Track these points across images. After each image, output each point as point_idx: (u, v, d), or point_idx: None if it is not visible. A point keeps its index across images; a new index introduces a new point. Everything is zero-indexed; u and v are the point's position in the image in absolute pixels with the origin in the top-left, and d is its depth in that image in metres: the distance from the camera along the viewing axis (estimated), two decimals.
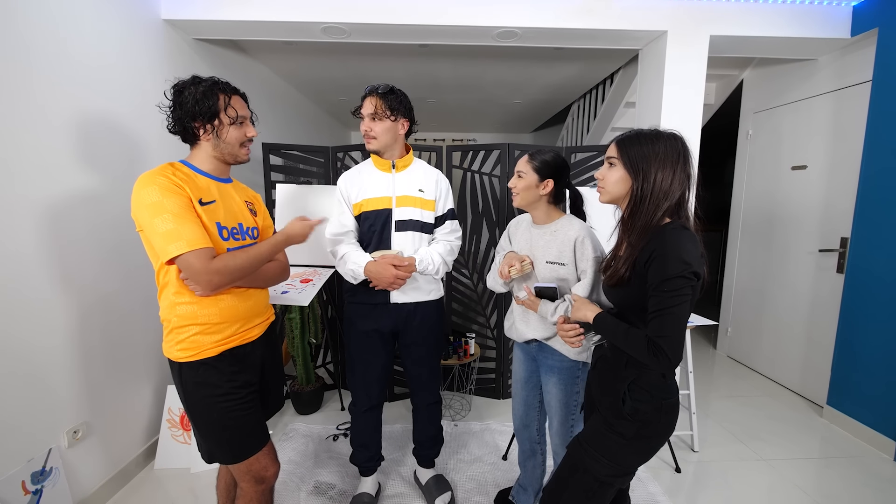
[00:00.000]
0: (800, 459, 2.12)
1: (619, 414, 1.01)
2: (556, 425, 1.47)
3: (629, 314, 1.03)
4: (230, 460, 1.20)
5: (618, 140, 1.04)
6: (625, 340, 0.95)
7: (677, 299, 0.88)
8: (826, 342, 2.57)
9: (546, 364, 1.45)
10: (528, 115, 5.25)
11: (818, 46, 2.47)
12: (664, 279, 0.89)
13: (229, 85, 1.17)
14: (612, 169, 1.04)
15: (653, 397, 1.00)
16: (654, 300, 0.90)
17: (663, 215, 0.98)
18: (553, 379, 1.44)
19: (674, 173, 0.97)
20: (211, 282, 1.05)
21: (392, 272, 1.49)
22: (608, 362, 1.09)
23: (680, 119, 2.32)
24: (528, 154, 1.42)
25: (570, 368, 1.40)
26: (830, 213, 2.60)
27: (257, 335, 1.25)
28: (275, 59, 3.16)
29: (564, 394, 1.42)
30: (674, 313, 0.88)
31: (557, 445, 1.48)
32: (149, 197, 1.03)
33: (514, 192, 1.42)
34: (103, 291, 1.75)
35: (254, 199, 1.34)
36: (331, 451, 2.14)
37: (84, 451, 1.68)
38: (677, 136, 1.01)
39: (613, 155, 1.04)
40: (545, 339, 1.43)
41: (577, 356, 1.38)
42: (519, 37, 2.34)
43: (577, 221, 1.37)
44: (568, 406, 1.43)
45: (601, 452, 1.03)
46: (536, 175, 1.38)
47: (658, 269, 0.90)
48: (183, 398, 1.16)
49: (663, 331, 0.88)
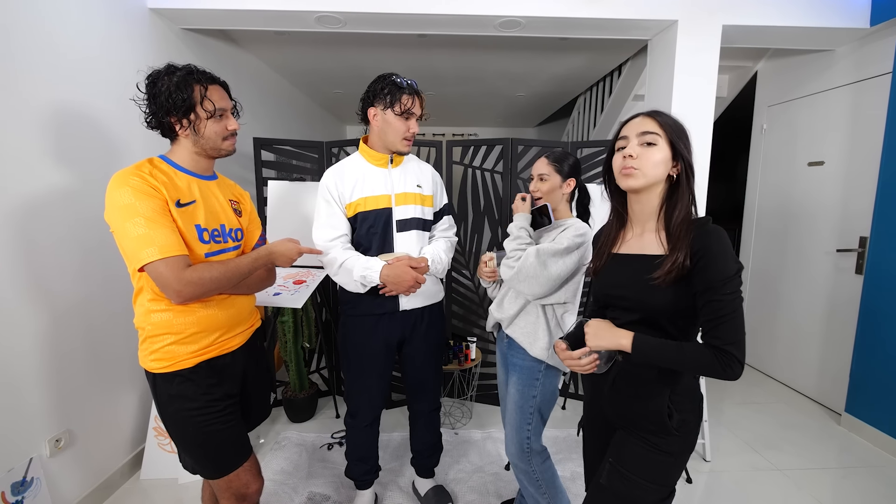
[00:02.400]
0: (816, 469, 2.11)
1: (666, 430, 0.94)
2: (510, 432, 1.42)
3: (661, 319, 0.95)
4: (210, 475, 1.19)
5: (652, 114, 0.95)
6: (681, 359, 0.87)
7: (738, 301, 0.85)
8: (844, 346, 2.56)
9: (510, 361, 1.44)
10: (532, 109, 5.25)
11: (836, 36, 2.47)
12: (723, 282, 0.84)
13: (206, 73, 1.12)
14: (651, 148, 0.93)
15: (693, 402, 0.97)
16: (714, 305, 0.85)
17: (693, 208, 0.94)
18: (513, 378, 1.41)
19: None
20: (181, 293, 1.03)
21: (412, 275, 1.44)
22: (633, 376, 1.00)
23: (691, 112, 2.31)
24: (545, 156, 1.44)
25: (530, 368, 1.38)
26: (849, 212, 2.59)
27: (238, 344, 1.23)
28: (266, 50, 3.15)
29: (521, 396, 1.39)
30: (737, 316, 0.85)
31: (514, 455, 1.43)
32: (121, 199, 1.01)
33: (537, 196, 1.44)
34: (83, 293, 1.75)
35: (240, 198, 1.31)
36: (325, 461, 2.14)
37: (66, 461, 1.67)
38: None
39: (654, 131, 0.93)
40: (501, 320, 1.44)
41: (539, 353, 1.35)
42: (522, 26, 2.33)
43: (584, 226, 1.40)
44: (523, 410, 1.39)
45: (650, 478, 0.95)
46: (559, 176, 1.41)
47: (715, 271, 0.85)
48: (159, 410, 1.15)
49: (731, 336, 0.83)
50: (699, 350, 0.86)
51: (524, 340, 1.38)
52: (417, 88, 1.48)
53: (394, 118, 1.45)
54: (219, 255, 1.16)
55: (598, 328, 0.98)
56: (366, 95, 1.49)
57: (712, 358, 0.84)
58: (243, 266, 1.15)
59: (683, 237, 0.89)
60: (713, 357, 0.84)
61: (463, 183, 2.60)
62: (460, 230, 2.59)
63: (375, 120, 1.48)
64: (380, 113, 1.46)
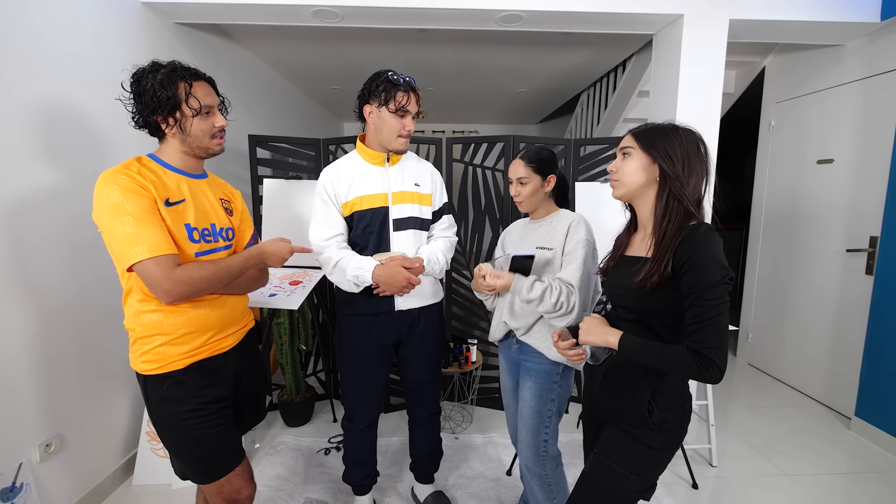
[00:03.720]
0: (826, 475, 2.11)
1: (646, 424, 1.01)
2: (525, 436, 1.43)
3: (651, 321, 1.01)
4: (200, 480, 1.19)
5: (633, 131, 1.04)
6: (662, 359, 0.93)
7: (721, 307, 0.89)
8: (854, 349, 2.56)
9: (524, 366, 1.45)
10: (534, 106, 5.25)
11: (846, 31, 2.46)
12: (706, 287, 0.89)
13: (190, 70, 1.12)
14: (627, 159, 1.03)
15: (676, 403, 1.02)
16: (696, 310, 0.90)
17: (689, 213, 0.97)
18: (528, 383, 1.42)
19: (693, 165, 0.98)
20: (171, 292, 1.03)
21: (405, 275, 1.45)
22: (622, 372, 1.08)
23: (697, 109, 2.31)
24: (519, 157, 1.45)
25: (548, 372, 1.39)
26: (859, 211, 2.59)
27: (231, 345, 1.23)
28: (262, 44, 3.15)
29: (538, 401, 1.40)
30: (719, 322, 0.89)
31: (529, 459, 1.44)
32: (109, 198, 1.01)
33: (518, 200, 1.45)
34: (74, 293, 1.74)
35: (231, 196, 1.32)
36: (322, 466, 2.14)
37: (57, 466, 1.67)
38: (694, 129, 1.02)
39: (629, 144, 1.03)
40: (517, 329, 1.43)
41: (557, 356, 1.36)
42: (524, 21, 2.33)
43: (573, 213, 1.43)
44: (541, 415, 1.40)
45: (629, 468, 1.03)
46: (539, 176, 1.42)
47: (698, 277, 0.90)
48: (149, 413, 1.15)
49: (711, 341, 0.88)
50: (679, 353, 0.91)
51: (541, 345, 1.39)
52: (414, 85, 1.48)
53: (389, 116, 1.45)
54: (209, 255, 1.16)
55: (591, 325, 1.05)
56: (362, 93, 1.49)
57: (691, 360, 0.89)
58: (234, 266, 1.15)
59: (668, 243, 0.95)
60: (692, 360, 0.89)
61: (463, 181, 2.60)
62: (460, 230, 2.59)
63: (371, 118, 1.49)
64: (375, 111, 1.47)
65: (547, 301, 1.28)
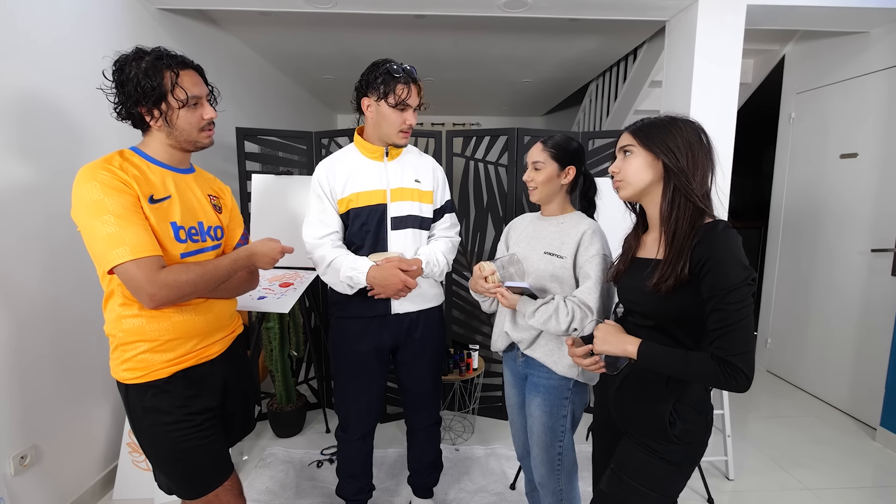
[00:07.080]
0: (850, 489, 2.11)
1: (667, 437, 0.99)
2: (538, 453, 1.43)
3: (671, 326, 1.00)
4: (186, 495, 1.19)
5: (629, 129, 1.04)
6: (685, 369, 0.92)
7: (745, 311, 0.88)
8: (880, 355, 2.56)
9: (531, 381, 1.43)
10: (540, 97, 5.25)
11: (870, 17, 2.47)
12: (728, 290, 0.88)
13: (177, 57, 1.09)
14: (628, 157, 1.03)
15: (699, 414, 1.01)
16: (718, 315, 0.89)
17: (698, 209, 0.97)
18: (537, 399, 1.40)
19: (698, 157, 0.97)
20: (155, 297, 1.02)
21: (400, 277, 1.44)
22: (642, 380, 1.06)
23: (713, 100, 2.31)
24: (540, 141, 1.41)
25: (558, 387, 1.37)
26: (884, 208, 2.59)
27: (218, 352, 1.23)
28: (250, 31, 3.15)
29: (549, 417, 1.39)
30: (744, 326, 0.88)
31: (543, 476, 1.44)
32: (89, 195, 1.00)
33: (532, 186, 1.41)
34: (51, 296, 1.75)
35: (220, 193, 1.31)
36: (314, 480, 2.14)
37: (33, 480, 1.67)
38: (693, 119, 1.02)
39: (628, 143, 1.03)
40: (520, 342, 1.41)
41: (566, 371, 1.34)
42: (529, 6, 2.33)
43: (588, 220, 1.39)
44: (554, 431, 1.40)
45: (648, 485, 1.01)
46: (556, 164, 1.38)
47: (719, 280, 0.89)
48: (131, 424, 1.15)
49: (736, 347, 0.87)
50: (703, 360, 0.90)
51: (548, 359, 1.37)
52: (415, 75, 1.47)
53: (388, 110, 1.45)
54: (196, 256, 1.16)
55: (606, 333, 1.03)
56: (359, 84, 1.49)
57: (716, 368, 0.88)
58: (222, 268, 1.14)
59: (680, 242, 0.95)
60: (717, 368, 0.88)
61: (464, 177, 2.60)
62: (461, 228, 2.58)
63: (369, 111, 1.49)
64: (374, 104, 1.47)
65: (559, 323, 1.25)
